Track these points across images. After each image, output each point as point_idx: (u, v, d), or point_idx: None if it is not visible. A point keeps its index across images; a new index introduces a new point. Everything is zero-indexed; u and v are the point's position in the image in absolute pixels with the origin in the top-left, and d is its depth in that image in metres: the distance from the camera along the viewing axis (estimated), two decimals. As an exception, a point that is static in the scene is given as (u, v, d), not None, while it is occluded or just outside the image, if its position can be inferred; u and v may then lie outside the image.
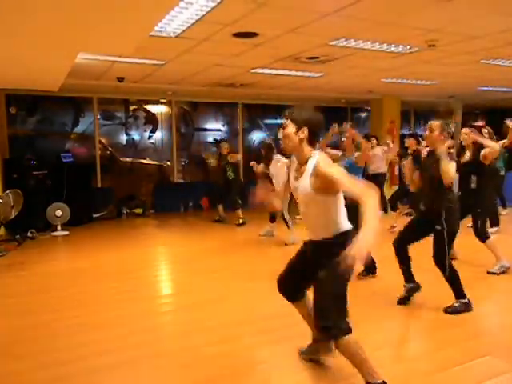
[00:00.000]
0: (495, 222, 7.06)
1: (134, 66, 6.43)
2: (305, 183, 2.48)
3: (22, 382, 2.86)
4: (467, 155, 4.79)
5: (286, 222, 6.57)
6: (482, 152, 4.62)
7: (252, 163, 7.36)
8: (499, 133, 6.97)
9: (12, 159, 8.26)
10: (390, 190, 8.62)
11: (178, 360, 3.09)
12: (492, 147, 4.61)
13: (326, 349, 2.86)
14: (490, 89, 9.56)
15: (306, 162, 2.48)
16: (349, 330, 2.42)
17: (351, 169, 4.80)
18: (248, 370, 2.95)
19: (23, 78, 6.30)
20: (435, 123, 3.85)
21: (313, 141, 2.50)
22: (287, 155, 3.00)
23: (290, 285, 2.85)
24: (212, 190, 9.40)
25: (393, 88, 9.20)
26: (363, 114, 13.17)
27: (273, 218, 6.94)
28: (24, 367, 3.01)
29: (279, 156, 6.73)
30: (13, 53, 4.72)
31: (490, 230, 6.95)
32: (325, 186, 2.41)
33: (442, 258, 3.70)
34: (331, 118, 12.74)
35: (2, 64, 5.29)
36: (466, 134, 4.74)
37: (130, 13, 3.43)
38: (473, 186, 4.74)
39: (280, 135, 2.55)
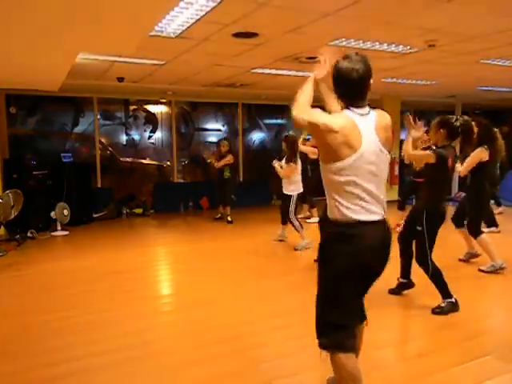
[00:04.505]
0: (492, 223, 7.05)
1: (134, 66, 6.42)
2: None
3: (21, 381, 2.86)
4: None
5: (293, 225, 6.21)
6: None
7: (276, 163, 6.33)
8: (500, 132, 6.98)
9: (12, 159, 8.25)
10: (389, 190, 8.61)
11: (177, 360, 3.09)
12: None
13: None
14: (490, 89, 9.55)
15: None
16: (340, 347, 1.95)
17: None
18: (249, 370, 2.94)
19: (23, 78, 6.29)
20: (434, 122, 3.89)
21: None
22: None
23: None
24: (212, 190, 9.39)
25: (393, 88, 9.19)
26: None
27: (284, 220, 6.43)
28: (22, 367, 3.01)
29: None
30: (13, 53, 4.72)
31: (485, 230, 6.99)
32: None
33: (424, 258, 3.69)
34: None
35: (2, 64, 5.28)
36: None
37: (129, 13, 3.42)
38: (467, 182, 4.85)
39: None
